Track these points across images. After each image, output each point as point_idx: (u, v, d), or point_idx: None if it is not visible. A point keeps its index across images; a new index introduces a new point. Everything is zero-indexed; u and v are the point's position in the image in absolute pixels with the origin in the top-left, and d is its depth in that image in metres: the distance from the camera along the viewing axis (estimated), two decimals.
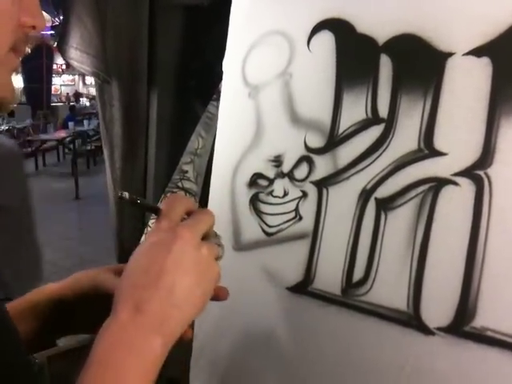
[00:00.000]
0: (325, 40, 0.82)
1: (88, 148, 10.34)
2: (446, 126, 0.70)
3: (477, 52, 0.67)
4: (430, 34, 0.71)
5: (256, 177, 0.90)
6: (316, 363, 0.81)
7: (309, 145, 0.83)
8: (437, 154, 0.70)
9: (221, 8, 0.98)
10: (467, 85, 0.68)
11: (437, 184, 0.70)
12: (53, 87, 18.20)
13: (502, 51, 0.66)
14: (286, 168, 0.86)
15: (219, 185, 0.95)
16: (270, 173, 0.88)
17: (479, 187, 0.67)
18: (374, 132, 0.76)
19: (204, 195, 1.12)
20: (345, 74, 0.80)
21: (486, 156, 0.66)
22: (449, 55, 0.70)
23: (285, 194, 0.86)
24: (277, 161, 0.87)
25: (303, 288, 0.82)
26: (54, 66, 17.69)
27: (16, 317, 0.57)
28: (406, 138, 0.73)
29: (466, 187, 0.68)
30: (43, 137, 10.77)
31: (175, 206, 0.59)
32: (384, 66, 0.75)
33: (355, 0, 0.79)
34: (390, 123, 0.74)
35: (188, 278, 0.55)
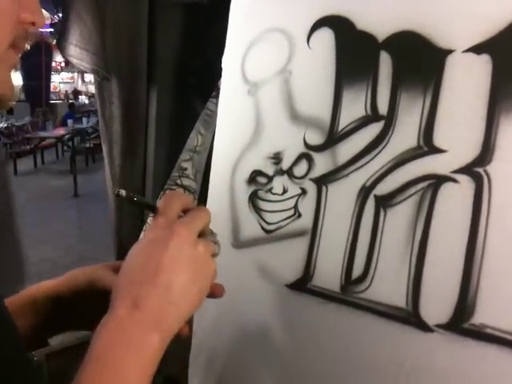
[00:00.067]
0: (324, 37, 0.82)
1: (87, 145, 10.34)
2: (446, 123, 0.70)
3: (477, 49, 0.67)
4: (430, 31, 0.71)
5: (255, 174, 0.90)
6: (315, 360, 0.81)
7: (308, 142, 0.83)
8: (436, 151, 0.70)
9: (220, 5, 0.97)
10: (467, 82, 0.68)
11: (436, 181, 0.70)
12: (52, 85, 18.18)
13: (502, 48, 0.66)
14: (286, 165, 0.86)
15: (218, 182, 0.95)
16: (270, 170, 0.88)
17: (479, 184, 0.67)
18: (374, 129, 0.76)
19: (203, 192, 1.12)
20: (344, 71, 0.80)
21: (486, 153, 0.66)
22: (449, 52, 0.69)
23: (284, 192, 0.86)
24: (276, 158, 0.87)
25: (302, 285, 0.82)
26: (53, 64, 17.67)
27: (14, 312, 0.57)
28: (406, 135, 0.73)
29: (466, 184, 0.68)
30: (42, 134, 10.77)
31: (172, 204, 0.59)
32: (384, 63, 0.75)
33: None
34: (390, 120, 0.74)
35: (184, 275, 0.55)
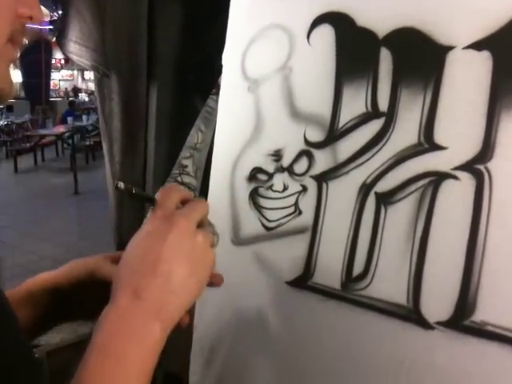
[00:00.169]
0: (325, 34, 0.82)
1: (87, 143, 10.33)
2: (446, 120, 0.69)
3: (477, 46, 0.67)
4: (431, 28, 0.71)
5: (255, 171, 0.90)
6: (315, 358, 0.81)
7: (308, 139, 0.83)
8: (437, 148, 0.70)
9: (220, 2, 0.97)
10: (467, 78, 0.68)
11: (437, 178, 0.70)
12: (52, 82, 18.17)
13: (503, 45, 0.66)
14: (286, 162, 0.86)
15: (219, 179, 0.95)
16: (270, 167, 0.88)
17: (479, 181, 0.66)
18: (374, 126, 0.76)
19: (203, 190, 1.12)
20: (345, 68, 0.80)
21: (486, 150, 0.66)
22: (449, 49, 0.69)
23: (284, 189, 0.86)
24: (276, 155, 0.87)
25: (303, 282, 0.82)
26: (53, 61, 17.65)
27: (14, 304, 0.57)
28: (406, 132, 0.73)
29: (466, 181, 0.67)
30: (42, 132, 10.76)
31: (170, 196, 0.60)
32: (384, 60, 0.75)
33: None
34: (390, 117, 0.74)
35: (184, 266, 0.56)
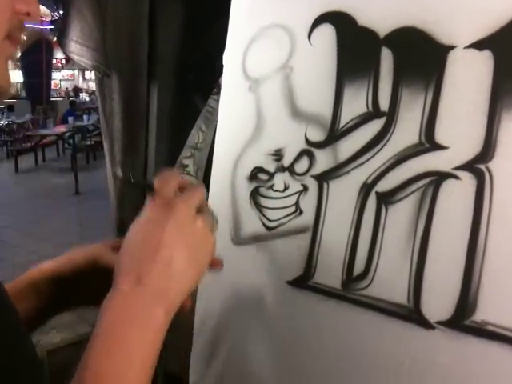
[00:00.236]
0: (326, 33, 0.81)
1: (88, 143, 10.33)
2: (448, 120, 0.69)
3: (478, 45, 0.67)
4: (432, 27, 0.71)
5: (256, 171, 0.90)
6: (316, 357, 0.81)
7: (309, 138, 0.83)
8: (438, 148, 0.70)
9: (221, 1, 0.97)
10: (469, 78, 0.68)
11: (438, 178, 0.70)
12: (52, 82, 18.18)
13: (504, 44, 0.66)
14: (287, 162, 0.86)
15: (219, 179, 0.95)
16: (271, 167, 0.88)
17: (480, 181, 0.66)
18: (375, 126, 0.76)
19: None
20: (346, 68, 0.79)
21: (487, 149, 0.66)
22: (450, 48, 0.69)
23: (285, 188, 0.86)
24: (277, 155, 0.87)
25: (304, 282, 0.82)
26: (54, 61, 17.66)
27: (15, 296, 0.57)
28: (407, 132, 0.73)
29: (467, 181, 0.67)
30: (43, 132, 10.76)
31: (168, 183, 0.60)
32: (385, 59, 0.75)
33: None
34: (391, 117, 0.74)
35: (185, 251, 0.57)
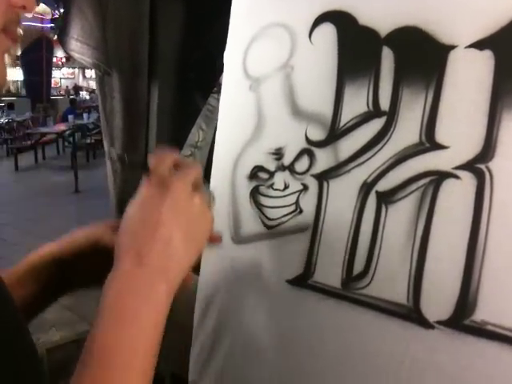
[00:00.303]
0: (326, 32, 0.81)
1: (88, 141, 10.34)
2: (448, 119, 0.69)
3: (479, 45, 0.67)
4: (433, 27, 0.71)
5: (256, 169, 0.90)
6: (316, 356, 0.81)
7: (310, 138, 0.83)
8: (438, 148, 0.70)
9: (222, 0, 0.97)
10: (469, 78, 0.68)
11: (438, 177, 0.70)
12: (53, 80, 18.18)
13: (505, 44, 0.66)
14: (287, 161, 0.86)
15: (219, 177, 0.95)
16: (271, 166, 0.88)
17: (480, 181, 0.66)
18: (376, 125, 0.76)
19: None
20: (346, 67, 0.79)
21: (488, 149, 0.66)
22: (451, 48, 0.69)
23: (285, 187, 0.86)
24: (277, 154, 0.87)
25: (303, 281, 0.82)
26: (54, 59, 17.66)
27: (13, 284, 0.57)
28: (408, 131, 0.73)
29: (467, 181, 0.67)
30: (43, 130, 10.78)
31: (163, 161, 0.60)
32: (386, 59, 0.75)
33: None
34: (392, 116, 0.74)
35: (183, 228, 0.57)
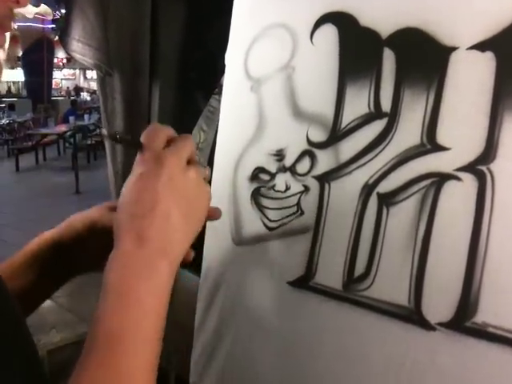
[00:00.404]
0: (328, 33, 0.81)
1: (88, 142, 10.35)
2: (449, 121, 0.69)
3: (481, 46, 0.67)
4: (434, 28, 0.71)
5: (258, 171, 0.90)
6: (316, 358, 0.81)
7: (311, 139, 0.83)
8: (439, 149, 0.70)
9: (224, 0, 0.97)
10: (471, 79, 0.68)
11: (439, 179, 0.70)
12: (53, 81, 18.19)
13: (506, 46, 0.66)
14: (288, 162, 0.85)
15: (221, 179, 0.95)
16: (272, 167, 0.88)
17: (482, 182, 0.66)
18: (377, 126, 0.76)
19: None
20: (348, 68, 0.79)
21: (489, 151, 0.66)
22: (452, 49, 0.69)
23: (287, 189, 0.86)
24: (279, 155, 0.87)
25: (304, 283, 0.82)
26: (55, 60, 17.68)
27: (10, 275, 0.57)
28: (409, 133, 0.72)
29: (469, 182, 0.67)
30: (44, 131, 10.78)
31: (156, 136, 0.59)
32: (387, 60, 0.75)
33: None
34: (393, 117, 0.74)
35: (181, 203, 0.56)
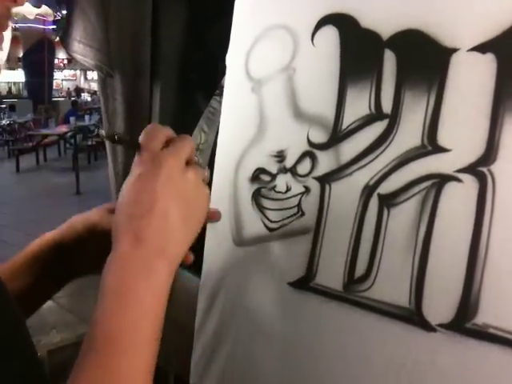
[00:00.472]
0: (329, 35, 0.82)
1: (89, 143, 10.36)
2: (450, 122, 0.69)
3: (481, 48, 0.67)
4: (435, 30, 0.71)
5: (258, 172, 0.90)
6: (317, 359, 0.81)
7: (312, 140, 0.83)
8: (440, 150, 0.70)
9: (224, 1, 0.97)
10: (472, 81, 0.68)
11: (440, 180, 0.70)
12: (54, 82, 18.20)
13: (507, 47, 0.66)
14: (289, 163, 0.86)
15: (221, 180, 0.95)
16: (273, 168, 0.88)
17: (482, 184, 0.66)
18: (378, 128, 0.76)
19: None
20: (348, 69, 0.80)
21: (490, 152, 0.66)
22: (453, 51, 0.69)
23: (287, 190, 0.86)
24: (279, 156, 0.87)
25: (305, 283, 0.82)
26: (56, 61, 17.69)
27: (11, 276, 0.57)
28: (410, 134, 0.73)
29: (469, 184, 0.67)
30: (44, 131, 10.79)
31: (154, 137, 0.59)
32: (388, 61, 0.75)
33: None
34: (394, 119, 0.74)
35: (179, 203, 0.56)
